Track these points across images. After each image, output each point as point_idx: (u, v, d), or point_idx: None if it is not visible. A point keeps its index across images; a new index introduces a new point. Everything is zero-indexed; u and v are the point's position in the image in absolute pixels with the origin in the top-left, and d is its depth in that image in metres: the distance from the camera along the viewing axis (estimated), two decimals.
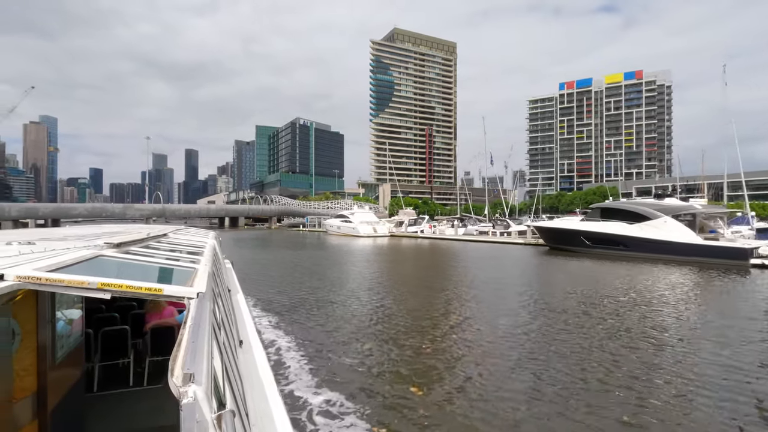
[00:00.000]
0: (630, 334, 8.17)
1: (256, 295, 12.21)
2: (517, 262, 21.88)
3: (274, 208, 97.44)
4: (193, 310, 1.55)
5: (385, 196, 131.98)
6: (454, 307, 10.86)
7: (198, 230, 8.87)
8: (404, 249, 32.02)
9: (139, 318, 4.95)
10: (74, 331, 3.26)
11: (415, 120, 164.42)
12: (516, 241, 34.69)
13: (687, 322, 9.29)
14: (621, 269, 18.20)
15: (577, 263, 20.74)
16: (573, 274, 17.33)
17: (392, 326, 8.88)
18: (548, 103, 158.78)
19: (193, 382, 0.94)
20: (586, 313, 9.97)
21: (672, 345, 7.58)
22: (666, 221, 20.75)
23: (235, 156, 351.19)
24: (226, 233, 61.73)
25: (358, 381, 5.95)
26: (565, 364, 6.57)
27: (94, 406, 3.77)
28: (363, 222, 48.42)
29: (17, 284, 1.50)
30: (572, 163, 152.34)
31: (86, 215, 74.19)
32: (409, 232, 49.52)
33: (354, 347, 7.55)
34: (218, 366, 1.45)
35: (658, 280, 15.27)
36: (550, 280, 16.20)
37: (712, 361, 6.68)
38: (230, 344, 2.50)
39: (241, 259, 22.00)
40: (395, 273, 18.02)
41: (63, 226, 20.28)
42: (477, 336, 8.17)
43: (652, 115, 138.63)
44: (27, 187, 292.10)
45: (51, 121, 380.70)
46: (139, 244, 3.40)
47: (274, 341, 7.79)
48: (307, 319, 9.62)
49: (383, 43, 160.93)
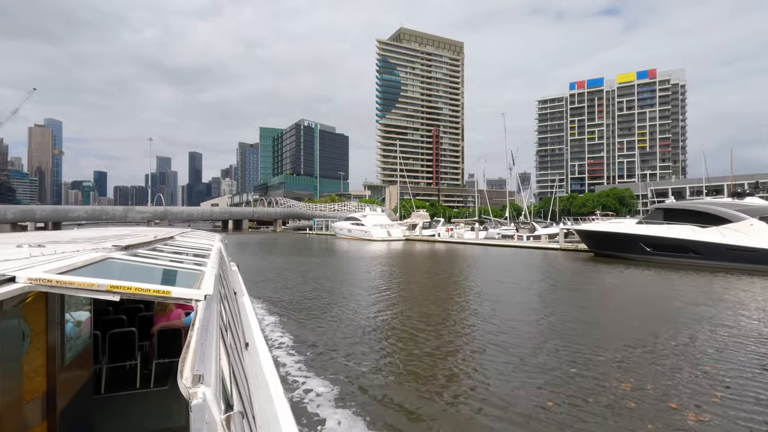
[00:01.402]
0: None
1: (262, 314, 9.15)
2: (564, 272, 18.68)
3: (280, 211, 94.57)
4: (201, 312, 1.57)
5: (391, 198, 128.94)
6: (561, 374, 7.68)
7: (204, 233, 8.48)
8: (425, 255, 28.87)
9: (146, 320, 5.01)
10: (83, 333, 3.30)
11: (422, 121, 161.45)
12: (549, 246, 31.41)
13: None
14: (710, 283, 14.95)
15: (643, 274, 17.49)
16: (659, 292, 14.09)
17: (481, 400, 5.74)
18: (558, 104, 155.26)
19: (202, 383, 0.94)
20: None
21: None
22: (753, 224, 17.47)
23: (238, 159, 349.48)
24: (230, 237, 58.71)
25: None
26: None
27: (102, 407, 3.84)
28: (376, 225, 45.33)
29: (28, 286, 1.51)
30: (583, 165, 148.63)
31: (86, 218, 71.60)
32: (425, 236, 46.37)
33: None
34: (225, 368, 1.46)
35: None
36: (644, 301, 12.97)
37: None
38: (237, 346, 2.54)
39: (247, 267, 18.92)
40: (429, 289, 14.88)
41: (64, 229, 18.62)
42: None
43: (666, 115, 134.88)
44: (31, 190, 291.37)
45: (56, 125, 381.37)
46: (146, 246, 3.41)
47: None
48: (337, 370, 6.49)
49: (390, 42, 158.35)
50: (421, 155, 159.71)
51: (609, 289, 14.47)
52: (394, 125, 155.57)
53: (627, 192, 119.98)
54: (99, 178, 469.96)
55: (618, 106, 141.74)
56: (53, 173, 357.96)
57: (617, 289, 14.41)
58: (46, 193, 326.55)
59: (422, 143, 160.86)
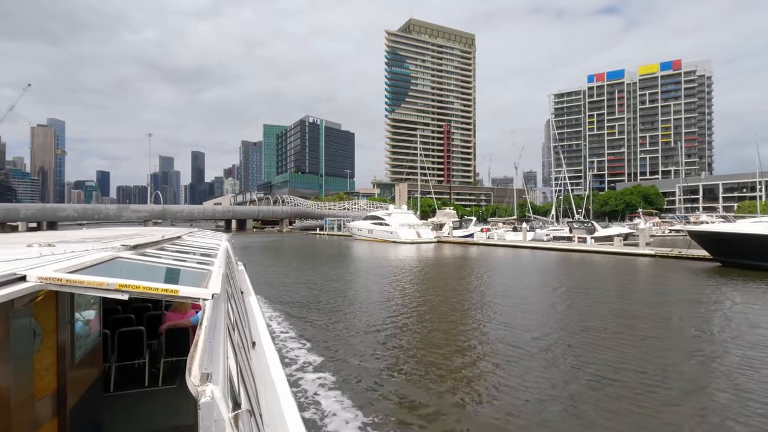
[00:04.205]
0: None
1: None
2: (736, 300, 12.41)
3: (286, 210, 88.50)
4: (209, 310, 1.57)
5: (401, 196, 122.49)
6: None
7: (211, 233, 8.31)
8: (477, 263, 22.56)
9: (154, 319, 5.02)
10: (92, 331, 3.31)
11: (433, 116, 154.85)
12: (634, 252, 24.91)
13: None
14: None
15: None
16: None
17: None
18: (575, 98, 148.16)
19: (210, 381, 0.94)
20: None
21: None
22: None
23: (241, 158, 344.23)
24: (233, 238, 52.68)
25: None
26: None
27: (111, 405, 3.85)
28: (403, 225, 38.97)
29: (39, 285, 1.52)
30: (602, 161, 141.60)
31: (76, 217, 65.71)
32: (458, 238, 40.05)
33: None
34: (233, 366, 1.47)
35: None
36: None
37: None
38: (244, 345, 2.56)
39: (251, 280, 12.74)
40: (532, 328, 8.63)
41: (60, 229, 16.94)
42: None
43: (692, 108, 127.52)
44: (32, 190, 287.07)
45: (59, 125, 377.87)
46: (154, 246, 3.40)
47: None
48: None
49: (399, 34, 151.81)
50: (432, 151, 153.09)
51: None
52: (403, 120, 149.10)
53: (653, 189, 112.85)
54: (102, 178, 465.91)
55: (640, 99, 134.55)
56: (56, 173, 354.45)
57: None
58: (49, 193, 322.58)
59: (433, 139, 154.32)
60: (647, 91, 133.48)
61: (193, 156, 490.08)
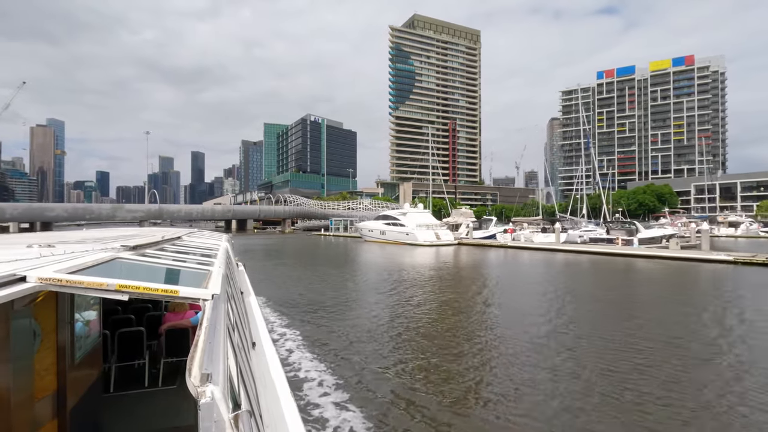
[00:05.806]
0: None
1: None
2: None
3: (288, 210, 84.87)
4: (209, 311, 1.57)
5: (405, 196, 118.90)
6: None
7: (211, 233, 8.30)
8: (512, 269, 18.95)
9: (154, 320, 4.96)
10: (92, 332, 3.31)
11: (438, 113, 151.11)
12: (701, 257, 21.24)
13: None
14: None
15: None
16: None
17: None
18: (585, 95, 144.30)
19: (210, 382, 0.94)
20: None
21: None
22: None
23: (241, 157, 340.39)
24: (233, 238, 49.04)
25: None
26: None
27: (111, 406, 3.82)
28: (421, 225, 35.32)
29: (39, 286, 1.52)
30: (612, 159, 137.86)
31: (66, 217, 62.11)
32: (479, 239, 36.43)
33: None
34: (233, 367, 1.47)
35: None
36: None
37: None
38: (244, 345, 2.57)
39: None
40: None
41: (55, 230, 14.37)
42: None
43: (706, 105, 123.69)
44: (30, 190, 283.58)
45: (58, 125, 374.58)
46: (154, 246, 3.38)
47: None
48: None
49: (403, 30, 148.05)
50: (438, 150, 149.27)
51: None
52: (408, 118, 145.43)
53: (666, 188, 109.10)
54: (101, 179, 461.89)
55: (651, 95, 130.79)
56: (55, 173, 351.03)
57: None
58: (48, 193, 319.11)
59: (438, 137, 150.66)
60: (659, 87, 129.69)
61: (192, 156, 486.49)
